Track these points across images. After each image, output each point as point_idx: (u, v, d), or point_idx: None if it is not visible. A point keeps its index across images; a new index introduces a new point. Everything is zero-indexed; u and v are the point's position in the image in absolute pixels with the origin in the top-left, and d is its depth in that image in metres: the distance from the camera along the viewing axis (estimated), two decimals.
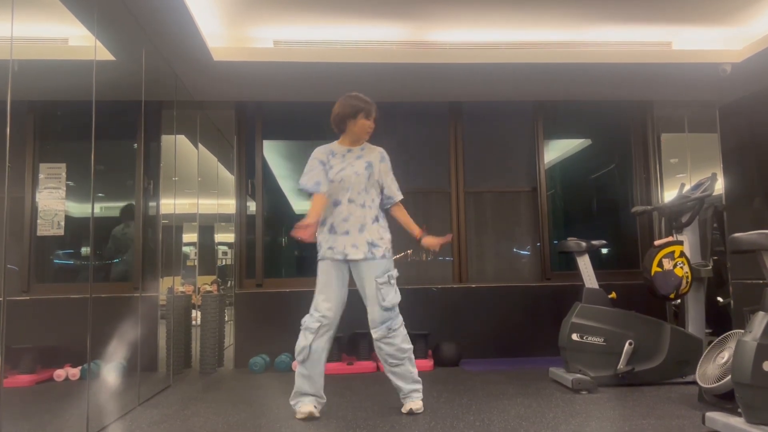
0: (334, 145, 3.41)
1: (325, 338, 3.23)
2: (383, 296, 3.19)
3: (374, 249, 3.22)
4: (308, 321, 3.24)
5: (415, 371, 3.31)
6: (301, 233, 3.04)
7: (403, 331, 3.27)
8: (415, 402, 3.24)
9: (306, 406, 3.17)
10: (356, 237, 3.22)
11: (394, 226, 3.48)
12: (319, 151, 3.37)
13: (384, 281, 3.20)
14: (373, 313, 3.21)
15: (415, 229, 3.44)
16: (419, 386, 3.31)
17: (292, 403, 3.24)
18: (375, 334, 3.21)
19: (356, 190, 3.26)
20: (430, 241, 3.41)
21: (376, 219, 3.32)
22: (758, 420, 2.56)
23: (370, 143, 3.46)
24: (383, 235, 3.31)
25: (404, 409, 3.23)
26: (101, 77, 3.20)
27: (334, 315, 3.24)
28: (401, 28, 4.51)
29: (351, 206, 3.24)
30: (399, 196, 3.44)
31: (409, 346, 3.28)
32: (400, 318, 3.27)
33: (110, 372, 4.09)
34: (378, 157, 3.38)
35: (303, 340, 3.21)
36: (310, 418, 3.13)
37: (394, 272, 3.28)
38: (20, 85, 2.57)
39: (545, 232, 5.55)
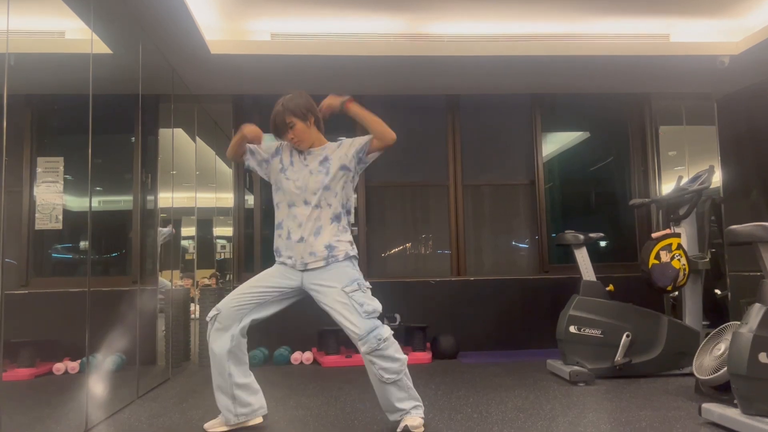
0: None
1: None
2: (359, 302, 2.71)
3: (334, 251, 2.79)
4: None
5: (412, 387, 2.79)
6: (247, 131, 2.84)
7: (396, 342, 2.77)
8: (412, 418, 2.72)
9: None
10: (313, 243, 2.79)
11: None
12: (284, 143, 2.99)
13: (354, 288, 2.74)
14: (356, 324, 2.68)
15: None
16: (419, 402, 2.80)
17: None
18: (364, 347, 2.67)
19: (312, 190, 2.82)
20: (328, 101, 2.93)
21: (337, 218, 2.86)
22: (754, 411, 2.58)
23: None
24: (341, 237, 2.84)
25: (400, 428, 2.72)
26: (98, 71, 3.19)
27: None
28: (398, 20, 4.50)
29: (307, 208, 2.81)
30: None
31: (404, 356, 2.78)
32: (388, 328, 2.76)
33: (109, 365, 4.10)
34: (334, 147, 2.93)
35: None
36: None
37: (364, 282, 2.81)
38: (17, 79, 2.57)
39: (543, 225, 5.56)
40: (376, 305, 2.76)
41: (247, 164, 3.01)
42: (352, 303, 2.71)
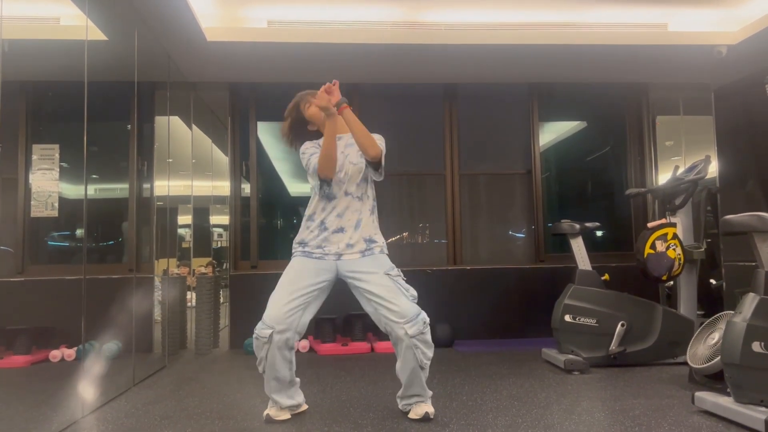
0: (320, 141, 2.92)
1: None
2: (405, 286, 2.77)
3: (372, 245, 2.84)
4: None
5: None
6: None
7: None
8: (429, 405, 2.84)
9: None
10: (352, 235, 2.82)
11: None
12: (307, 144, 2.96)
13: (397, 273, 2.80)
14: (402, 306, 2.69)
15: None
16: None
17: None
18: (412, 329, 2.67)
19: (354, 182, 2.85)
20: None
21: (373, 211, 2.94)
22: (746, 399, 2.60)
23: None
24: (378, 231, 2.93)
25: (417, 414, 2.80)
26: (93, 58, 3.18)
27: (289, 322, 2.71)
28: (396, 8, 4.48)
29: (348, 199, 2.84)
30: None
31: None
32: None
33: (105, 353, 4.11)
34: None
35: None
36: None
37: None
38: (11, 65, 2.55)
39: (539, 214, 5.57)
40: (415, 293, 2.80)
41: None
42: (397, 286, 2.74)
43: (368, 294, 2.76)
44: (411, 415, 2.80)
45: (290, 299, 2.72)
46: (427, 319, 2.76)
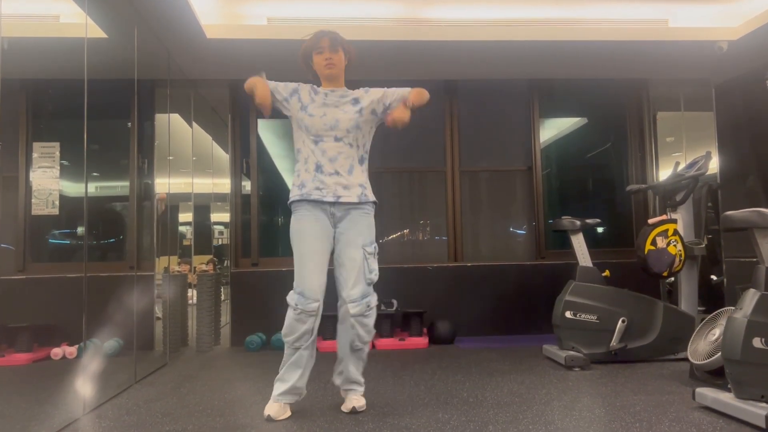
0: (319, 88, 3.02)
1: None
2: (370, 267, 2.82)
3: (366, 191, 2.88)
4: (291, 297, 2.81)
5: None
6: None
7: (375, 313, 2.90)
8: (358, 398, 2.89)
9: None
10: (348, 178, 2.83)
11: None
12: (301, 83, 3.03)
13: (372, 251, 2.85)
14: (355, 285, 2.78)
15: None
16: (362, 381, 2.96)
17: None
18: (354, 309, 2.76)
19: (344, 127, 2.86)
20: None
21: (363, 160, 2.94)
22: (747, 395, 2.60)
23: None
24: (368, 180, 2.95)
25: (346, 408, 2.87)
26: (93, 55, 3.17)
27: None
28: (396, 4, 4.47)
29: (339, 144, 2.85)
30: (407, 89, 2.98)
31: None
32: (376, 297, 2.91)
33: (107, 350, 4.12)
34: (362, 91, 3.00)
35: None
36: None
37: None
38: (11, 63, 2.55)
39: (540, 211, 5.56)
40: (377, 274, 2.86)
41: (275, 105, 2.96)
42: (364, 265, 2.81)
43: (338, 257, 2.84)
44: (342, 408, 2.88)
45: (320, 271, 2.79)
46: (373, 303, 2.84)
